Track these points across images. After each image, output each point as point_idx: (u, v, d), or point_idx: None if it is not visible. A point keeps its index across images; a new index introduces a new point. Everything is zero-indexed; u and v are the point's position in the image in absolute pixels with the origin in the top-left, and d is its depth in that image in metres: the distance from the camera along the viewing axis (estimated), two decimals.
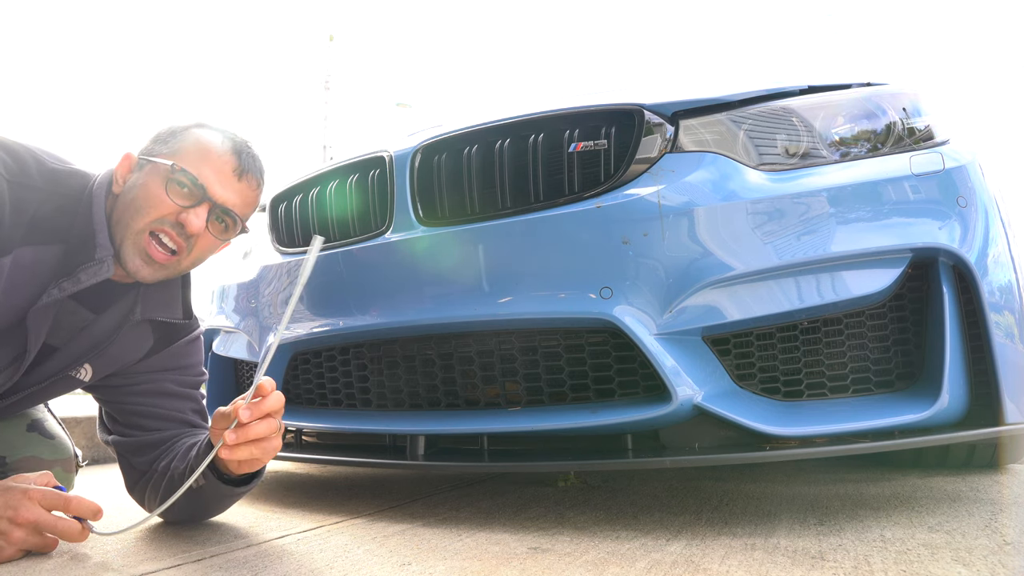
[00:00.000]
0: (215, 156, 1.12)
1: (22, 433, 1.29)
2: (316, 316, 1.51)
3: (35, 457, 1.27)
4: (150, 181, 1.09)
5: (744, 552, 1.00)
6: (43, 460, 1.28)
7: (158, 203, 1.08)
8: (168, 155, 1.11)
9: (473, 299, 1.31)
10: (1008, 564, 0.93)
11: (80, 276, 1.05)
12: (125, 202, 1.09)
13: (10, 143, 1.04)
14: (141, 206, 1.08)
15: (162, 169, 1.09)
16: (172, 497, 1.04)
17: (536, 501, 1.46)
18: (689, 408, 1.19)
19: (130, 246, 1.09)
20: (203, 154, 1.11)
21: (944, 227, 1.22)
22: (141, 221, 1.08)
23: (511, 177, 1.33)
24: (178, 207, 1.08)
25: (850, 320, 1.25)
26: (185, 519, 1.26)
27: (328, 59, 21.07)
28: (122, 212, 1.09)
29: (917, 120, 1.31)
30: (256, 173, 1.17)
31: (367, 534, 1.18)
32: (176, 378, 1.27)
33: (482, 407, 1.40)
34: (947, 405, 1.18)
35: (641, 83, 1.69)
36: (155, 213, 1.08)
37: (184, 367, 1.29)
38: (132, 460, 1.24)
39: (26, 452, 1.27)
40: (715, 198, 1.20)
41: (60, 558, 1.04)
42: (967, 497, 1.40)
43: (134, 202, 1.08)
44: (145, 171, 1.11)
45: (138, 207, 1.08)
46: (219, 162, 1.12)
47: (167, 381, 1.26)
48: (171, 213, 1.08)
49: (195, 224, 1.09)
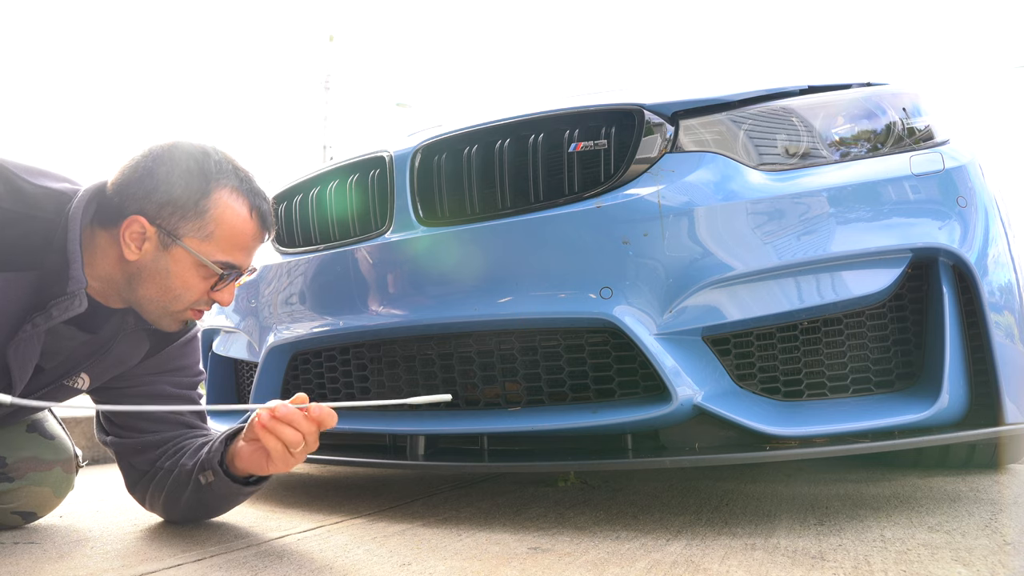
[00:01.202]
0: (243, 234, 1.10)
1: (22, 434, 1.28)
2: (316, 316, 1.51)
3: (36, 458, 1.27)
4: (182, 269, 1.07)
5: (744, 552, 1.00)
6: (43, 460, 1.28)
7: (195, 290, 1.09)
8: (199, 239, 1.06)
9: (473, 299, 1.31)
10: (1008, 564, 0.93)
11: (52, 312, 1.02)
12: (155, 285, 1.08)
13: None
14: (178, 294, 1.09)
15: (198, 261, 1.07)
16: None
17: (536, 501, 1.46)
18: (689, 408, 1.19)
19: (171, 321, 1.12)
20: (232, 234, 1.09)
21: (944, 227, 1.22)
22: (179, 305, 1.10)
23: (511, 177, 1.33)
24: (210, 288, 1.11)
25: (850, 320, 1.25)
26: (188, 519, 1.27)
27: (328, 59, 21.07)
28: (153, 294, 1.08)
29: (917, 120, 1.31)
30: (269, 225, 1.16)
31: (367, 534, 1.18)
32: (173, 380, 1.28)
33: (482, 407, 1.40)
34: (947, 405, 1.18)
35: (641, 83, 1.69)
36: (192, 299, 1.10)
37: (181, 368, 1.29)
38: (132, 460, 1.24)
39: (26, 452, 1.26)
40: (715, 198, 1.20)
41: (61, 558, 1.04)
42: (967, 497, 1.40)
43: (169, 290, 1.08)
44: (173, 255, 1.06)
45: (175, 296, 1.09)
46: (246, 237, 1.11)
47: (163, 383, 1.26)
48: (205, 294, 1.11)
49: (228, 300, 1.13)
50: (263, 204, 1.13)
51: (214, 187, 1.07)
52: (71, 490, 1.35)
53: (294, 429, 1.01)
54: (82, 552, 1.08)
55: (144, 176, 1.05)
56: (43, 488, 1.28)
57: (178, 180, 1.05)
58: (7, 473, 1.24)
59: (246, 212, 1.10)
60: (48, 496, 1.29)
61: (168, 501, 1.22)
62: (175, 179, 1.05)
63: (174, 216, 1.05)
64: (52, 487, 1.29)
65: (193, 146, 1.09)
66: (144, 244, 1.06)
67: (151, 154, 1.06)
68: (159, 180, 1.05)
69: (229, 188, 1.09)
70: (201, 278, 1.09)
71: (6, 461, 1.25)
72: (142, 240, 1.06)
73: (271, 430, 1.01)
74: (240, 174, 1.11)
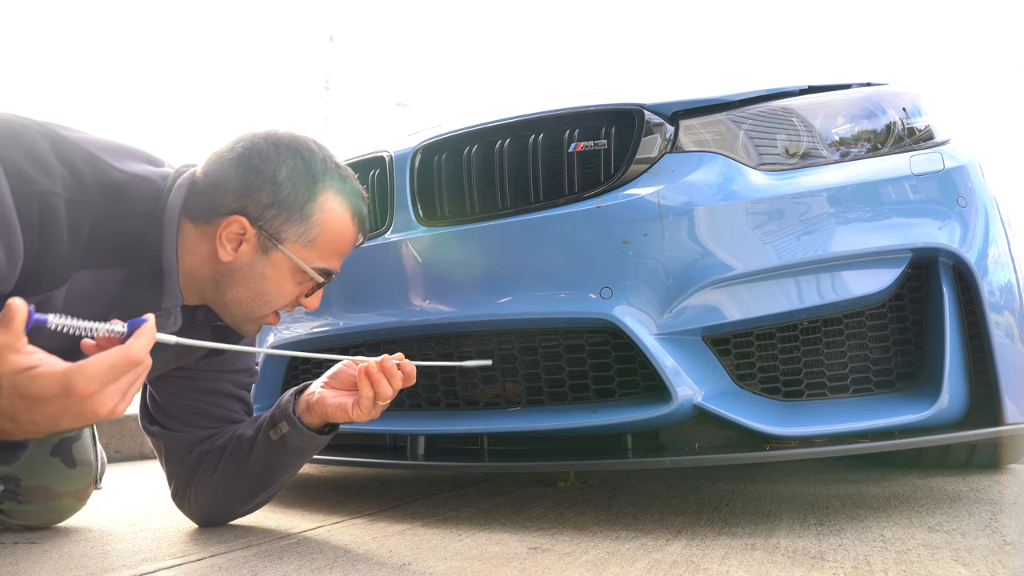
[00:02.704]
0: (344, 240, 1.05)
1: (44, 457, 1.23)
2: (316, 316, 1.51)
3: (48, 488, 1.23)
4: (281, 276, 1.02)
5: (744, 552, 1.00)
6: (55, 492, 1.24)
7: (288, 296, 1.05)
8: (302, 245, 1.01)
9: (473, 299, 1.31)
10: (1008, 564, 0.93)
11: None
12: (247, 288, 1.02)
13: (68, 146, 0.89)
14: (270, 299, 1.04)
15: (297, 266, 1.01)
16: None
17: (536, 501, 1.46)
18: (689, 408, 1.19)
19: (252, 324, 1.08)
20: (335, 240, 1.04)
21: (944, 227, 1.22)
22: (267, 308, 1.05)
23: (511, 177, 1.33)
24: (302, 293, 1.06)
25: (850, 320, 1.25)
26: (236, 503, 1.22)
27: (328, 59, 21.07)
28: (244, 296, 1.03)
29: (917, 120, 1.31)
30: (367, 229, 1.12)
31: (367, 534, 1.18)
32: (233, 379, 1.25)
33: (482, 407, 1.40)
34: (947, 405, 1.18)
35: (641, 83, 1.69)
36: (283, 303, 1.06)
37: (242, 370, 1.27)
38: (183, 456, 1.21)
39: (40, 480, 1.22)
40: (715, 198, 1.20)
41: (61, 558, 1.04)
42: (967, 497, 1.40)
43: (262, 295, 1.03)
44: (272, 260, 1.01)
45: (267, 301, 1.04)
46: (346, 244, 1.06)
47: (224, 381, 1.24)
48: (296, 298, 1.07)
49: (315, 305, 1.09)
50: (363, 208, 1.08)
51: (321, 189, 1.00)
52: (83, 507, 1.33)
53: (389, 384, 1.04)
54: (82, 552, 1.08)
55: (247, 173, 0.97)
56: (51, 513, 1.26)
57: (285, 180, 0.98)
58: (18, 495, 1.21)
59: (349, 218, 1.04)
60: (55, 518, 1.28)
61: (219, 479, 1.17)
62: (282, 179, 0.98)
63: (278, 219, 0.98)
64: (59, 512, 1.27)
65: (297, 140, 1.02)
66: (241, 245, 0.99)
67: (253, 148, 0.98)
68: (265, 179, 0.97)
69: (335, 191, 1.02)
70: (296, 284, 1.04)
71: (20, 483, 1.21)
72: (239, 241, 0.99)
73: (373, 379, 1.03)
74: (343, 173, 1.05)
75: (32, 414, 0.74)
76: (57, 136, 0.88)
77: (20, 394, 0.72)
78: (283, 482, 1.22)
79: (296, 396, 1.14)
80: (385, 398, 1.05)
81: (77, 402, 0.73)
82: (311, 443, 1.13)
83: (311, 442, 1.13)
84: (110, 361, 0.74)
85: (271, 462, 1.15)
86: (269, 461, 1.15)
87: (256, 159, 0.98)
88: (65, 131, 0.90)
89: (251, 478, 1.17)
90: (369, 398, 1.05)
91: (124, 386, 0.76)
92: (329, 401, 1.09)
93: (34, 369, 0.72)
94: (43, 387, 0.72)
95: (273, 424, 1.13)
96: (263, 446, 1.14)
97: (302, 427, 1.11)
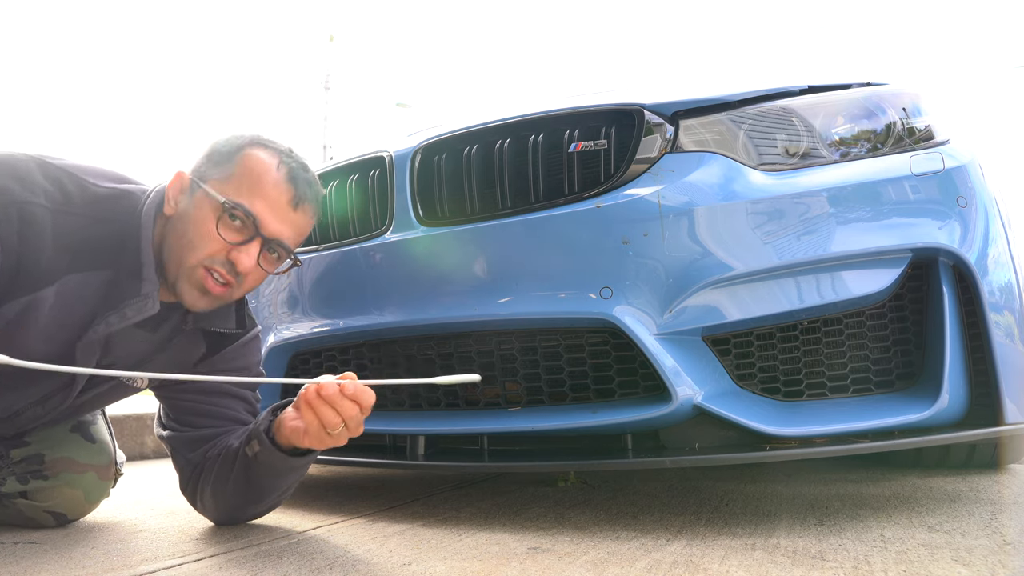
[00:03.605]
0: (270, 185, 1.06)
1: (65, 433, 1.28)
2: (316, 316, 1.51)
3: (71, 459, 1.26)
4: (201, 214, 1.05)
5: (744, 552, 1.00)
6: (78, 463, 1.27)
7: (209, 239, 1.04)
8: (220, 180, 1.06)
9: (473, 299, 1.31)
10: (1008, 564, 0.93)
11: (126, 312, 1.05)
12: (177, 233, 1.06)
13: (53, 169, 1.01)
14: (193, 241, 1.04)
15: (213, 200, 1.04)
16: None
17: (536, 501, 1.46)
18: (689, 408, 1.19)
19: (185, 281, 1.06)
20: (257, 183, 1.05)
21: (944, 227, 1.22)
22: (193, 257, 1.04)
23: (511, 177, 1.33)
24: (228, 244, 1.04)
25: (850, 320, 1.25)
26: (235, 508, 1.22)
27: (328, 59, 21.06)
28: (174, 243, 1.06)
29: (917, 120, 1.31)
30: (312, 201, 1.11)
31: (367, 534, 1.18)
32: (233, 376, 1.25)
33: (482, 407, 1.40)
34: (947, 405, 1.18)
35: (641, 83, 1.69)
36: (206, 250, 1.04)
37: (241, 369, 1.26)
38: (186, 455, 1.23)
39: (63, 452, 1.26)
40: (715, 198, 1.20)
41: (60, 558, 1.04)
42: (967, 497, 1.40)
43: (185, 236, 1.05)
44: (196, 198, 1.06)
45: (189, 242, 1.04)
46: (274, 192, 1.06)
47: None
48: (222, 250, 1.05)
49: (246, 263, 1.05)
50: (296, 168, 1.09)
51: (251, 143, 1.09)
52: (106, 497, 1.34)
53: (334, 411, 0.99)
54: (82, 552, 1.08)
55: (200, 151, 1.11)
56: (76, 490, 1.27)
57: (223, 141, 1.10)
58: (43, 471, 1.24)
59: (275, 162, 1.07)
60: (80, 500, 1.28)
61: (216, 486, 1.18)
62: (221, 141, 1.10)
63: (207, 164, 1.08)
64: (84, 491, 1.28)
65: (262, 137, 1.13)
66: (179, 196, 1.07)
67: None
68: (208, 146, 1.10)
69: (263, 145, 1.09)
70: (220, 230, 1.04)
71: (44, 458, 1.24)
72: (179, 194, 1.08)
73: (313, 407, 0.99)
74: (285, 148, 1.11)
75: None
76: (45, 162, 1.01)
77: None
78: (283, 492, 1.21)
79: (274, 414, 1.12)
80: (334, 426, 0.99)
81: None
82: (283, 464, 1.10)
83: (283, 463, 1.10)
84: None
85: (252, 480, 1.14)
86: (250, 479, 1.14)
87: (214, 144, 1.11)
88: (53, 159, 1.03)
89: (242, 489, 1.16)
90: (315, 426, 1.01)
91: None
92: (287, 424, 1.06)
93: None
94: None
95: (248, 440, 1.12)
96: (242, 463, 1.13)
97: (271, 447, 1.08)
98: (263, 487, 1.17)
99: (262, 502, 1.22)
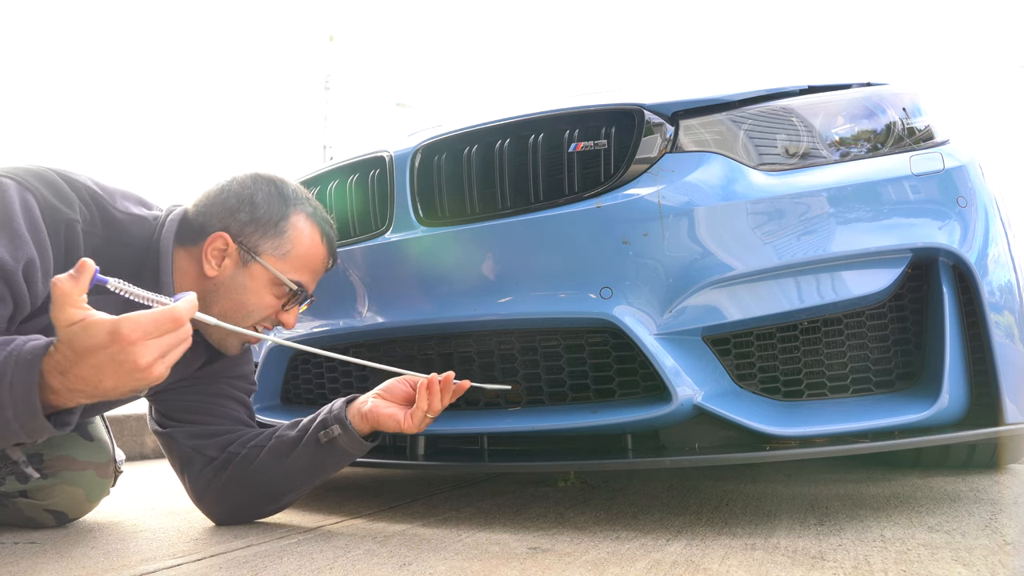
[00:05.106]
0: (319, 261, 1.21)
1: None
2: (316, 316, 1.51)
3: (70, 457, 1.28)
4: (257, 286, 1.15)
5: (744, 552, 1.00)
6: (77, 460, 1.29)
7: (267, 309, 1.17)
8: (277, 257, 1.15)
9: (473, 299, 1.31)
10: (1008, 564, 0.93)
11: None
12: (228, 299, 1.14)
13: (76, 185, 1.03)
14: (249, 309, 1.15)
15: (275, 278, 1.15)
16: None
17: (536, 501, 1.46)
18: (689, 408, 1.19)
19: (233, 342, 1.19)
20: (306, 255, 1.18)
21: (944, 227, 1.22)
22: (247, 322, 1.16)
23: (511, 177, 1.33)
24: (280, 307, 1.18)
25: (850, 320, 1.25)
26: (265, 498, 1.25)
27: (328, 59, 21.03)
28: (227, 308, 1.14)
29: (917, 120, 1.31)
30: (335, 254, 1.26)
31: (367, 534, 1.18)
32: (231, 383, 1.32)
33: (482, 407, 1.40)
34: (947, 405, 1.18)
35: (641, 83, 1.69)
36: (261, 315, 1.17)
37: (238, 377, 1.34)
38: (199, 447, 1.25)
39: (62, 451, 1.28)
40: (715, 198, 1.20)
41: (61, 558, 1.04)
42: (967, 497, 1.40)
43: (240, 303, 1.15)
44: (251, 271, 1.14)
45: (244, 306, 1.15)
46: (320, 265, 1.22)
47: (223, 384, 1.31)
48: (274, 312, 1.18)
49: (292, 322, 1.21)
50: (332, 233, 1.24)
51: (292, 210, 1.18)
52: (106, 495, 1.35)
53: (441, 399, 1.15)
54: (82, 552, 1.08)
55: (229, 198, 1.15)
56: (76, 489, 1.28)
57: (261, 202, 1.15)
58: (43, 469, 1.25)
59: (318, 237, 1.20)
60: (80, 498, 1.30)
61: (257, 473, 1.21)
62: (259, 201, 1.15)
63: (255, 234, 1.14)
64: (85, 489, 1.29)
65: (271, 175, 1.21)
66: (224, 260, 1.13)
67: (234, 180, 1.17)
68: (244, 200, 1.15)
69: (305, 214, 1.19)
70: (274, 296, 1.17)
71: (43, 457, 1.26)
72: (222, 257, 1.13)
73: (432, 393, 1.14)
74: (312, 203, 1.22)
75: (80, 368, 0.79)
76: (67, 176, 1.04)
77: (71, 346, 0.79)
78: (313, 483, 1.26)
79: (347, 404, 1.22)
80: (435, 412, 1.15)
81: (120, 350, 0.78)
82: (359, 448, 1.20)
83: (359, 447, 1.20)
84: (154, 315, 0.81)
85: (315, 463, 1.21)
86: (313, 462, 1.21)
87: (237, 187, 1.16)
88: (71, 173, 1.05)
89: (287, 477, 1.22)
90: (423, 410, 1.15)
91: (165, 346, 0.81)
92: (382, 411, 1.18)
93: (86, 319, 0.79)
94: (92, 336, 0.78)
95: (324, 427, 1.19)
96: (310, 447, 1.19)
97: (353, 432, 1.18)
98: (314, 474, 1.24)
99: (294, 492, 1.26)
